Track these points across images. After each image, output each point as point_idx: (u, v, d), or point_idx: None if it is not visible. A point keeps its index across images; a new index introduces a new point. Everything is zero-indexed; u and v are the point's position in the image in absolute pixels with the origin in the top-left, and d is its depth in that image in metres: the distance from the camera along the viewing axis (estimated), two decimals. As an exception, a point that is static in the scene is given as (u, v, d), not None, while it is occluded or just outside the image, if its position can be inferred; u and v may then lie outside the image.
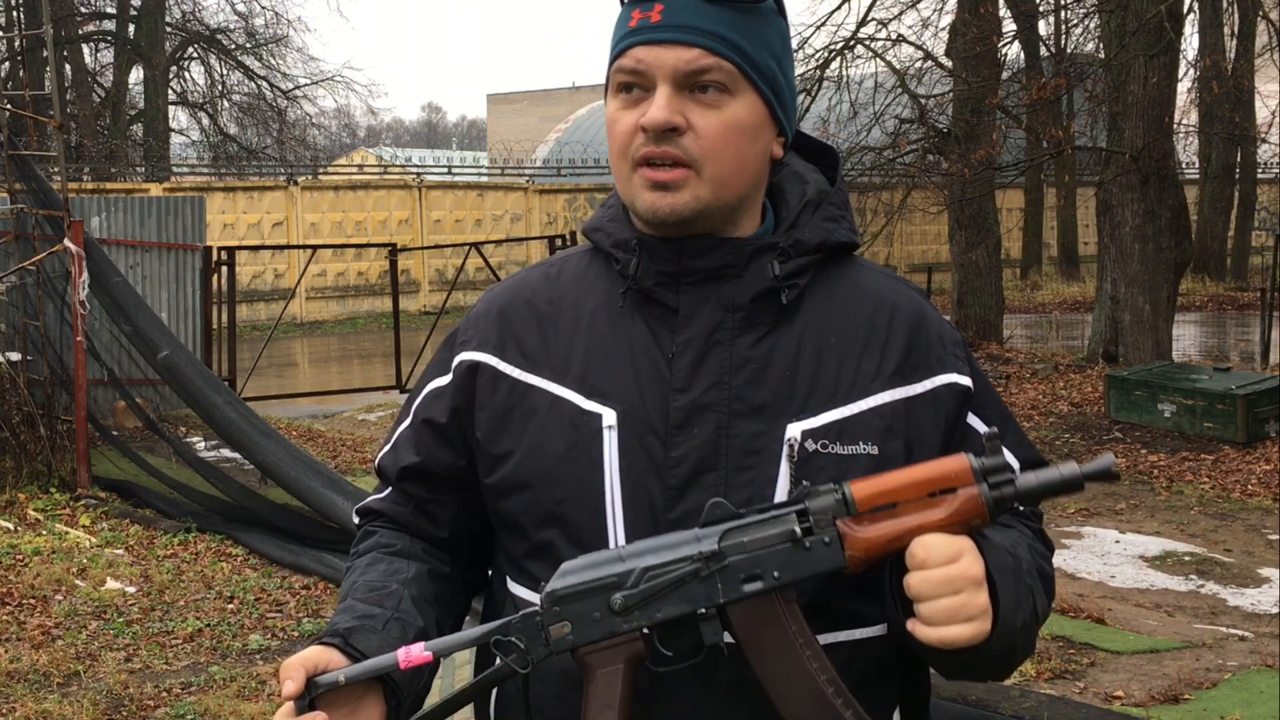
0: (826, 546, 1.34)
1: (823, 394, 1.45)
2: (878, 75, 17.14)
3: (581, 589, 1.37)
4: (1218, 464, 9.75)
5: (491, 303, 1.60)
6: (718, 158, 1.44)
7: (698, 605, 1.34)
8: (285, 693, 1.35)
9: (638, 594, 1.35)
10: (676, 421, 1.44)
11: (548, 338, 1.53)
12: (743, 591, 1.34)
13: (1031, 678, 5.50)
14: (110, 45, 28.74)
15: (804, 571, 1.34)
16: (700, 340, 1.46)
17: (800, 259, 1.49)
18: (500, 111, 51.64)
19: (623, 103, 1.47)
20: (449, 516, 1.60)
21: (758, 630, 1.34)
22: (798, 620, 1.35)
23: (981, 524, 1.35)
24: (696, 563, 1.34)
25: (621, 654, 1.36)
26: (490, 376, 1.54)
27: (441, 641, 1.40)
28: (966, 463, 1.34)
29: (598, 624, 1.36)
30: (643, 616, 1.35)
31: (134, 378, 10.37)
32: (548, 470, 1.48)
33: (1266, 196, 31.28)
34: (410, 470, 1.59)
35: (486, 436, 1.53)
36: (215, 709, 5.16)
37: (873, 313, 1.50)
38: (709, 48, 1.43)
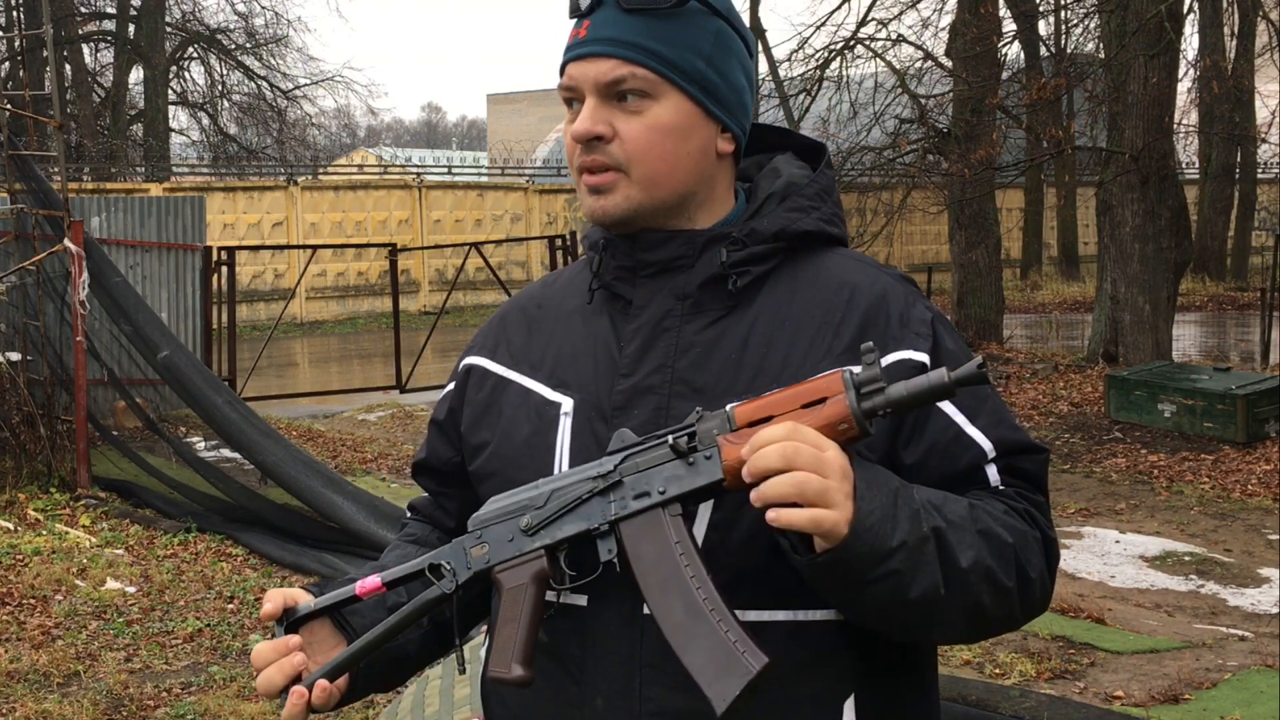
0: (708, 461, 1.38)
1: (768, 376, 1.48)
2: (878, 75, 17.15)
3: (499, 513, 1.48)
4: (1218, 464, 9.75)
5: (500, 312, 1.74)
6: (644, 159, 1.51)
7: (593, 522, 1.42)
8: (264, 611, 1.53)
9: (543, 514, 1.45)
10: (618, 404, 1.52)
11: (531, 337, 1.65)
12: (631, 508, 1.41)
13: (1031, 678, 5.50)
14: (110, 45, 28.74)
15: (687, 485, 1.39)
16: (649, 327, 1.54)
17: (755, 247, 1.53)
18: (500, 111, 51.65)
19: (569, 117, 1.57)
20: (455, 507, 1.71)
21: (642, 545, 1.40)
22: (680, 534, 1.39)
23: (849, 430, 1.34)
24: (594, 482, 1.43)
25: (528, 571, 1.45)
26: (480, 376, 1.67)
27: (392, 571, 1.53)
28: (839, 375, 1.36)
29: (510, 544, 1.46)
30: (547, 535, 1.44)
31: (134, 378, 10.37)
32: (512, 456, 1.58)
33: (1266, 196, 31.28)
34: (419, 466, 1.75)
35: (468, 429, 1.66)
36: (215, 709, 5.16)
37: (832, 296, 1.53)
38: (624, 57, 1.51)
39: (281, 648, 1.50)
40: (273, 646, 1.51)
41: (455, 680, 4.33)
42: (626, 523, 1.41)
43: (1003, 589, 1.41)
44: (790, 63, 16.89)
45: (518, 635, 1.43)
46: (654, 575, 1.38)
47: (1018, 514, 1.48)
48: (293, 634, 1.52)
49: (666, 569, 1.38)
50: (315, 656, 1.53)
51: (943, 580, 1.36)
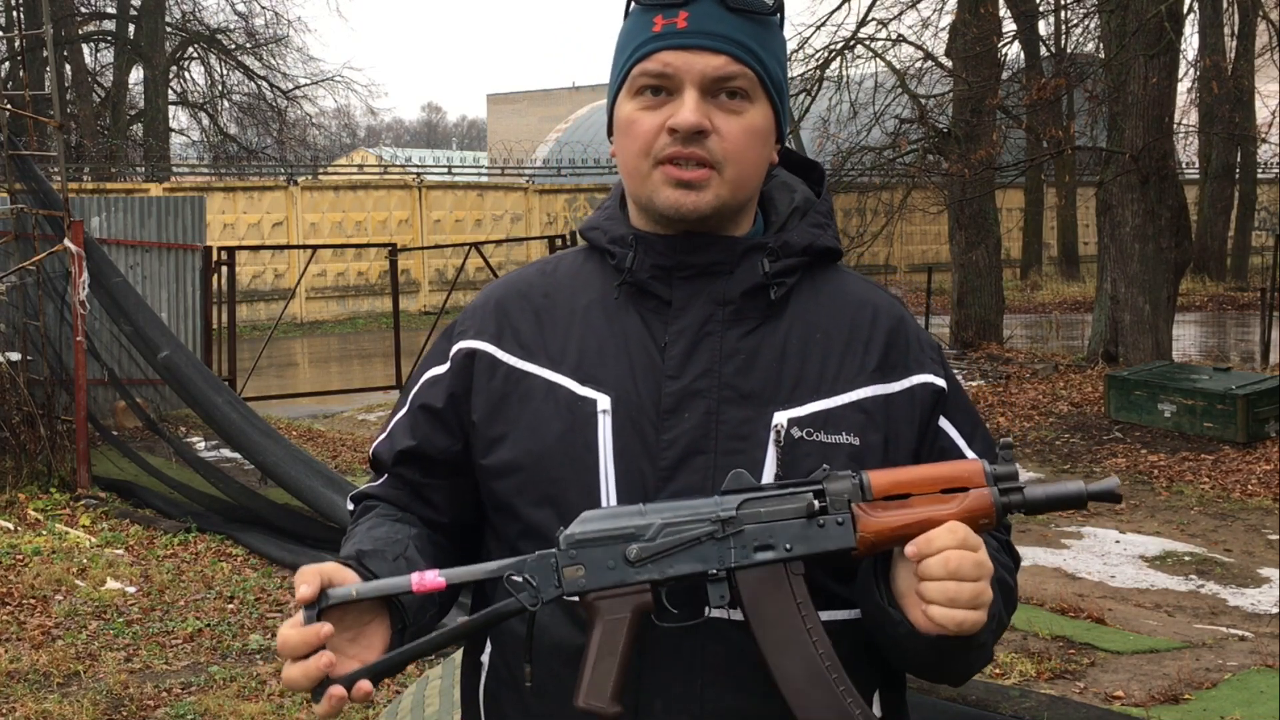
0: (839, 526, 1.39)
1: (807, 386, 1.52)
2: (878, 75, 17.15)
3: (600, 536, 1.41)
4: (1218, 464, 9.75)
5: (489, 296, 1.66)
6: (739, 160, 1.52)
7: (709, 565, 1.39)
8: (300, 595, 1.36)
9: (653, 547, 1.39)
10: (668, 406, 1.51)
11: (544, 329, 1.60)
12: (754, 559, 1.39)
13: (1031, 678, 5.50)
14: (110, 45, 28.75)
15: (815, 547, 1.39)
16: (692, 331, 1.53)
17: (788, 260, 1.56)
18: (500, 111, 51.65)
19: (644, 103, 1.53)
20: (443, 501, 1.64)
21: (763, 599, 1.39)
22: (803, 594, 1.39)
23: (989, 524, 1.40)
24: (713, 525, 1.39)
25: (630, 603, 1.40)
26: (487, 363, 1.60)
27: (456, 571, 1.43)
28: (980, 466, 1.42)
29: (611, 571, 1.40)
30: (655, 570, 1.39)
31: (134, 378, 10.37)
32: (543, 452, 1.53)
33: (1266, 196, 31.28)
34: (406, 454, 1.63)
35: (483, 419, 1.58)
36: (215, 709, 5.16)
37: (855, 313, 1.58)
38: (735, 55, 1.51)
39: (312, 639, 1.35)
40: (302, 637, 1.35)
41: (455, 680, 4.33)
42: (744, 572, 1.39)
43: (1003, 628, 1.54)
44: (790, 63, 16.87)
45: (615, 669, 1.39)
46: (774, 632, 1.38)
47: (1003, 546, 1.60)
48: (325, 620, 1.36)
49: (787, 628, 1.39)
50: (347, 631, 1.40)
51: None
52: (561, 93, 49.37)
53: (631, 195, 1.58)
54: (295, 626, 1.37)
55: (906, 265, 27.63)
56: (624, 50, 1.56)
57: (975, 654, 1.45)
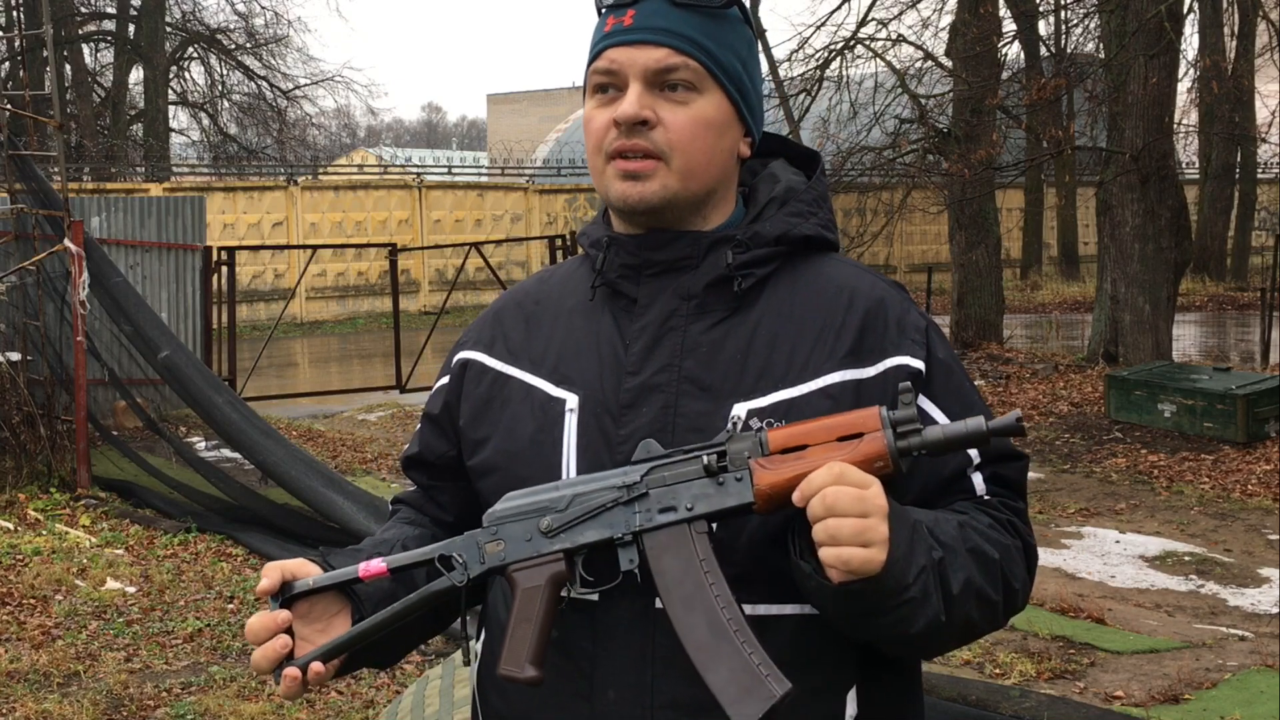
0: (738, 483, 1.41)
1: (772, 377, 1.52)
2: (878, 75, 17.15)
3: (517, 512, 1.48)
4: (1218, 464, 9.75)
5: (493, 307, 1.74)
6: (685, 150, 1.53)
7: (616, 531, 1.44)
8: (259, 588, 1.50)
9: (564, 517, 1.46)
10: (626, 401, 1.53)
11: (530, 333, 1.65)
12: (657, 520, 1.43)
13: (1031, 678, 5.50)
14: (110, 45, 28.75)
15: (715, 505, 1.42)
16: (654, 326, 1.56)
17: (758, 250, 1.56)
18: (500, 111, 51.65)
19: (598, 102, 1.57)
20: (449, 501, 1.71)
21: (667, 559, 1.42)
22: (705, 552, 1.41)
23: (884, 468, 1.39)
24: (619, 491, 1.44)
25: (545, 573, 1.46)
26: (477, 370, 1.67)
27: (397, 556, 1.53)
28: (876, 411, 1.41)
29: (528, 544, 1.47)
30: (567, 539, 1.45)
31: (134, 377, 10.37)
32: (516, 452, 1.58)
33: (1266, 196, 31.28)
34: (411, 460, 1.74)
35: (468, 424, 1.65)
36: (215, 709, 5.16)
37: (832, 299, 1.57)
38: (676, 47, 1.53)
39: (271, 624, 1.49)
40: (262, 623, 1.49)
41: (455, 680, 4.33)
42: (650, 535, 1.43)
43: (989, 603, 1.48)
44: (790, 63, 16.89)
45: (531, 635, 1.44)
46: (678, 590, 1.41)
47: (1002, 526, 1.54)
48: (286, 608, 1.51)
49: (690, 585, 1.40)
50: (315, 623, 1.52)
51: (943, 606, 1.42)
52: (561, 93, 49.38)
53: (598, 193, 1.61)
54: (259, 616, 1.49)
55: (906, 265, 27.63)
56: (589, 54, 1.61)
57: (904, 608, 1.38)
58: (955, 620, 1.43)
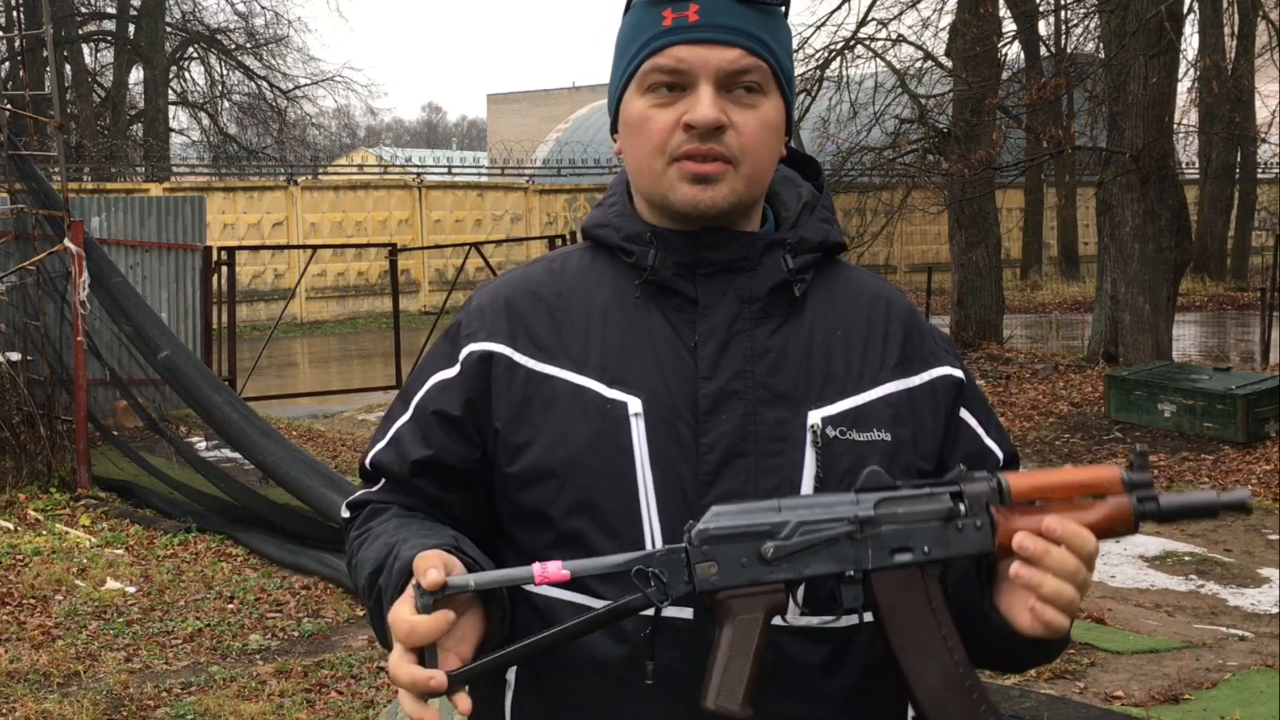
0: (978, 530, 1.37)
1: (835, 384, 1.51)
2: (878, 75, 17.15)
3: (733, 532, 1.36)
4: (1218, 464, 9.75)
5: (495, 295, 1.58)
6: (754, 155, 1.49)
7: (846, 566, 1.36)
8: (430, 580, 1.29)
9: (790, 546, 1.35)
10: (706, 408, 1.47)
11: (561, 329, 1.53)
12: (892, 560, 1.36)
13: (1031, 678, 5.50)
14: (110, 45, 28.75)
15: (953, 550, 1.37)
16: (722, 329, 1.49)
17: (805, 256, 1.54)
18: (500, 111, 51.65)
19: (656, 100, 1.49)
20: (460, 513, 1.56)
21: (899, 602, 1.36)
22: (938, 599, 1.37)
23: (1125, 531, 1.40)
24: (851, 525, 1.36)
25: (763, 603, 1.36)
26: (505, 366, 1.52)
27: (580, 563, 1.36)
28: (1118, 473, 1.39)
29: (744, 569, 1.35)
30: (790, 569, 1.36)
31: (134, 377, 10.37)
32: (574, 458, 1.47)
33: (1266, 196, 31.27)
34: (422, 464, 1.54)
35: (506, 426, 1.51)
36: (215, 709, 5.16)
37: (870, 308, 1.57)
38: (749, 48, 1.48)
39: (443, 626, 1.29)
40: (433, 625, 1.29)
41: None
42: (880, 575, 1.37)
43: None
44: (790, 63, 16.87)
45: (747, 669, 1.34)
46: (910, 636, 1.37)
47: None
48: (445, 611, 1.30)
49: (923, 632, 1.37)
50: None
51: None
52: (561, 93, 49.38)
53: (644, 193, 1.53)
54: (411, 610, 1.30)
55: (906, 265, 27.63)
56: (630, 46, 1.52)
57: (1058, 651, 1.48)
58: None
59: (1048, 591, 1.34)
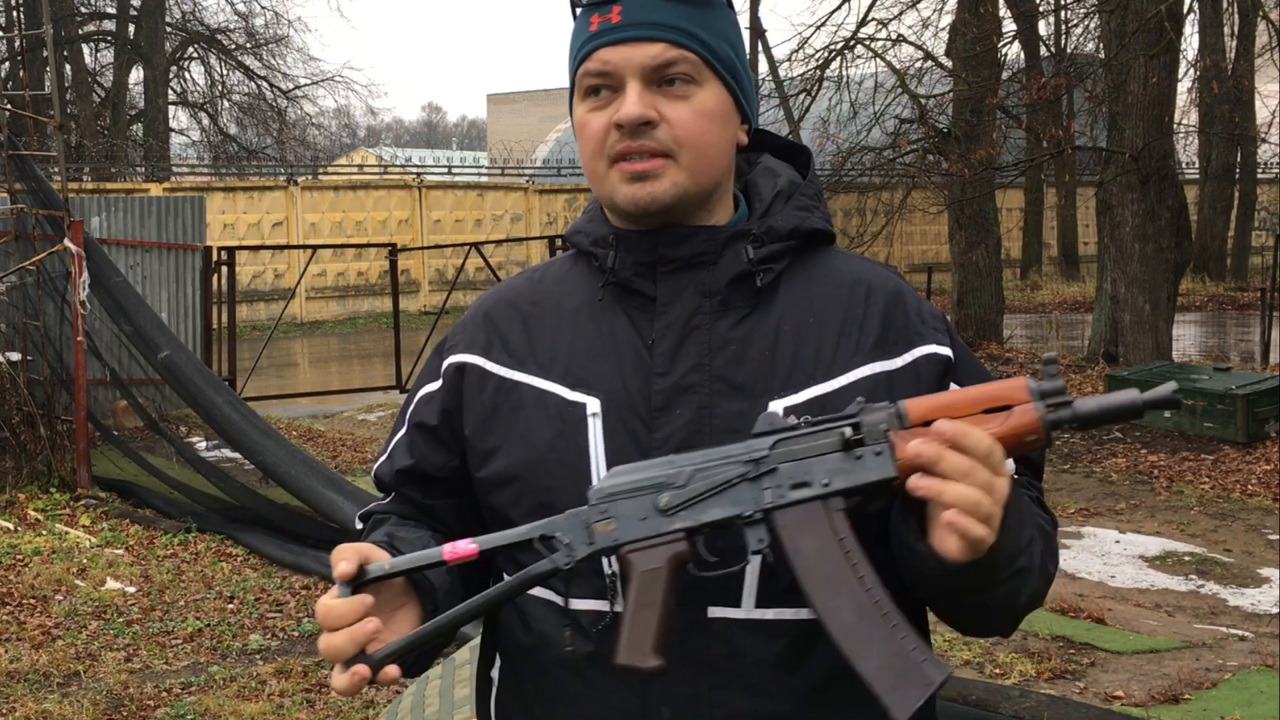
0: (877, 456, 1.33)
1: (803, 372, 1.48)
2: (878, 75, 17.15)
3: (630, 487, 1.37)
4: (1218, 464, 9.75)
5: (478, 308, 1.65)
6: (693, 144, 1.49)
7: (744, 508, 1.34)
8: (340, 571, 1.37)
9: (685, 494, 1.35)
10: (659, 404, 1.48)
11: (532, 336, 1.57)
12: (790, 497, 1.33)
13: (1031, 678, 5.50)
14: (110, 45, 28.75)
15: (853, 480, 1.33)
16: (679, 325, 1.50)
17: (773, 245, 1.53)
18: (500, 111, 51.65)
19: (592, 105, 1.52)
20: (449, 517, 1.61)
21: (802, 539, 1.33)
22: (845, 530, 1.33)
23: (1036, 442, 1.32)
24: (746, 465, 1.34)
25: (665, 554, 1.35)
26: (477, 376, 1.58)
27: (487, 538, 1.40)
28: (1023, 382, 1.33)
29: (644, 523, 1.36)
30: (689, 517, 1.35)
31: (134, 377, 10.38)
32: (535, 461, 1.50)
33: (1266, 196, 31.28)
34: (405, 474, 1.61)
35: (474, 433, 1.56)
36: (215, 709, 5.16)
37: (849, 292, 1.54)
38: (672, 41, 1.48)
39: (359, 608, 1.35)
40: (349, 605, 1.35)
41: (455, 680, 4.33)
42: (782, 512, 1.33)
43: (1049, 579, 1.47)
44: (790, 63, 16.90)
45: (655, 622, 1.33)
46: (816, 573, 1.31)
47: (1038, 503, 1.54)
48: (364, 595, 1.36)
49: (831, 566, 1.31)
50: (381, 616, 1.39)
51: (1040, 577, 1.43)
52: (561, 93, 49.09)
53: (598, 198, 1.56)
54: (333, 598, 1.37)
55: (906, 265, 27.62)
56: (571, 56, 1.55)
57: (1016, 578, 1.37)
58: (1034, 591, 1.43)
59: (950, 497, 1.27)
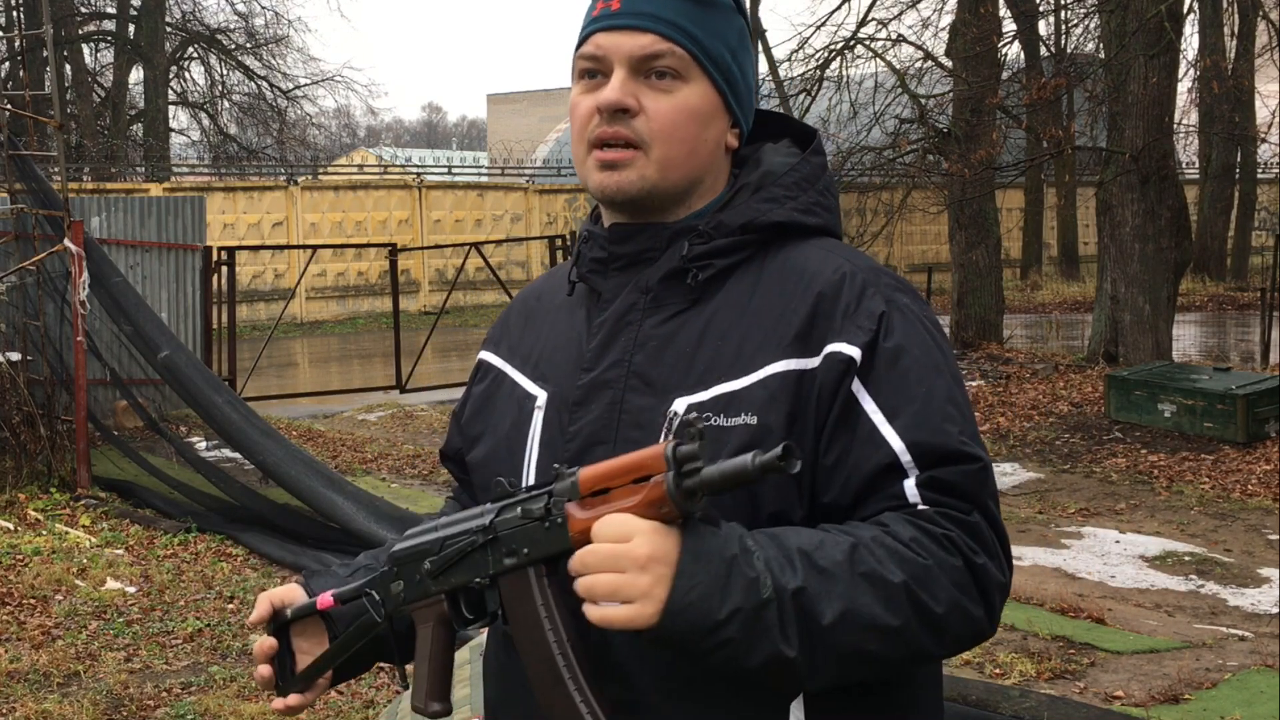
0: (559, 527, 1.37)
1: (719, 369, 1.46)
2: (878, 75, 17.15)
3: (410, 552, 1.51)
4: (1218, 464, 9.75)
5: (509, 306, 1.78)
6: (667, 139, 1.49)
7: (476, 575, 1.45)
8: (250, 619, 1.63)
9: (439, 560, 1.48)
10: (576, 399, 1.53)
11: (526, 331, 1.68)
12: (504, 565, 1.43)
13: (1031, 678, 5.50)
14: (110, 45, 28.75)
15: (543, 550, 1.39)
16: (612, 321, 1.54)
17: (720, 240, 1.50)
18: (500, 111, 51.65)
19: (583, 88, 1.54)
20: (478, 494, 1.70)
21: (515, 603, 1.42)
22: (545, 596, 1.40)
23: (669, 512, 1.30)
24: (474, 535, 1.44)
25: (433, 613, 1.50)
26: (484, 370, 1.71)
27: (343, 589, 1.59)
28: (661, 450, 1.30)
29: (418, 585, 1.50)
30: (444, 581, 1.48)
31: (134, 377, 10.38)
32: (494, 448, 1.62)
33: (1266, 196, 31.29)
34: (444, 454, 1.80)
35: (467, 421, 1.71)
36: (215, 709, 5.16)
37: (792, 286, 1.47)
38: (663, 33, 1.50)
39: (261, 653, 1.62)
40: (260, 648, 1.62)
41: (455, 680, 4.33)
42: (504, 578, 1.42)
43: (888, 631, 1.33)
44: (790, 63, 16.90)
45: (428, 673, 1.50)
46: (525, 635, 1.41)
47: (934, 540, 1.36)
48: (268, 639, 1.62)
49: (534, 630, 1.40)
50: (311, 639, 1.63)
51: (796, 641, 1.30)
52: (561, 93, 49.34)
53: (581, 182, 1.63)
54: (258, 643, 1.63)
55: (906, 265, 27.62)
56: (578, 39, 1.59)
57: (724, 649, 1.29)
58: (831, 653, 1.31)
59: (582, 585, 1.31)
